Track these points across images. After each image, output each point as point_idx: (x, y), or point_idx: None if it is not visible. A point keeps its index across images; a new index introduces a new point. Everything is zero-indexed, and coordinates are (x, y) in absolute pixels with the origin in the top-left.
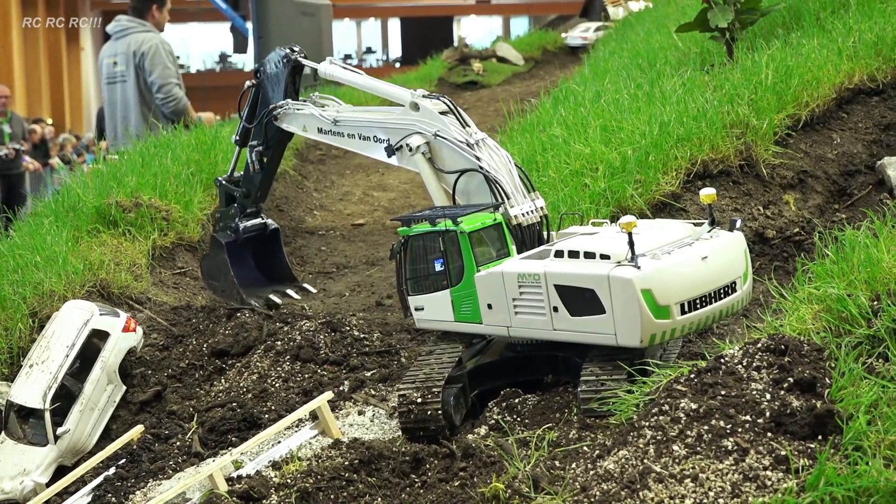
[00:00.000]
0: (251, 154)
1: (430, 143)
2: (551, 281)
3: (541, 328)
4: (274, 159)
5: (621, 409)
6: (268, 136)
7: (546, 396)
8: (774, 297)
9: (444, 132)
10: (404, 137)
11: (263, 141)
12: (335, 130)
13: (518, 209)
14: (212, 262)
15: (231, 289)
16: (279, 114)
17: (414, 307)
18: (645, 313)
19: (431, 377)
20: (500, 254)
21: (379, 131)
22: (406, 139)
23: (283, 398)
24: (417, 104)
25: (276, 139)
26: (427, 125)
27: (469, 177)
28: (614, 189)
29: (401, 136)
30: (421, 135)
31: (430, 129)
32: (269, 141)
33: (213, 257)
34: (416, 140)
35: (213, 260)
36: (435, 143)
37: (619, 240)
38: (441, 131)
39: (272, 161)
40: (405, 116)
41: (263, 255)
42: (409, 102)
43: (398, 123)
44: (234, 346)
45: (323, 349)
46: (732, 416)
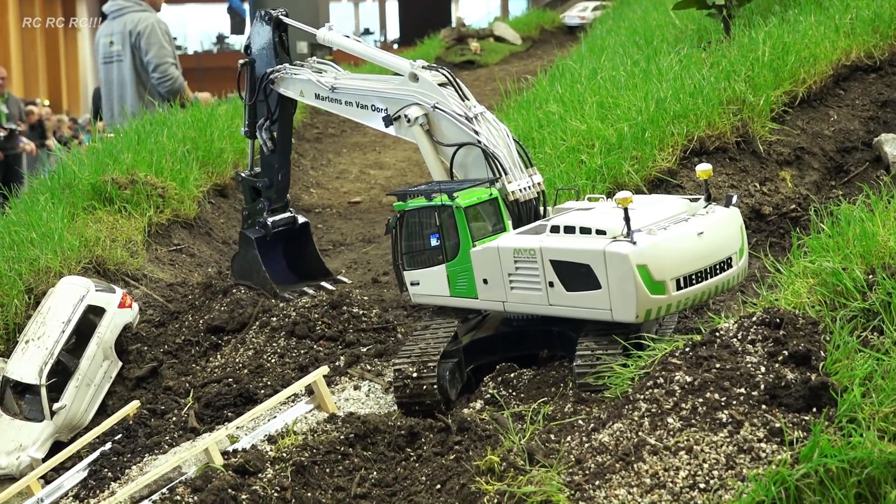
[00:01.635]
0: (261, 134)
1: (428, 114)
2: (547, 256)
3: (536, 303)
4: (284, 133)
5: (616, 383)
6: (271, 108)
7: (541, 371)
8: (770, 272)
9: (442, 104)
10: (402, 108)
11: (268, 115)
12: (332, 97)
13: (516, 184)
14: (243, 260)
15: (264, 285)
16: (276, 78)
17: (409, 282)
18: (640, 289)
19: (427, 352)
20: (495, 229)
21: (377, 100)
22: (404, 110)
23: (278, 374)
24: (417, 75)
25: (280, 110)
26: (426, 97)
27: (467, 150)
28: (610, 165)
29: (399, 107)
30: (419, 106)
31: (429, 100)
32: (274, 113)
33: (244, 255)
34: (415, 111)
35: (243, 258)
36: (433, 115)
37: (615, 215)
38: (440, 103)
39: (282, 135)
40: (404, 87)
41: (294, 251)
42: (409, 73)
43: (397, 93)
44: (230, 323)
45: (319, 325)
46: (727, 389)
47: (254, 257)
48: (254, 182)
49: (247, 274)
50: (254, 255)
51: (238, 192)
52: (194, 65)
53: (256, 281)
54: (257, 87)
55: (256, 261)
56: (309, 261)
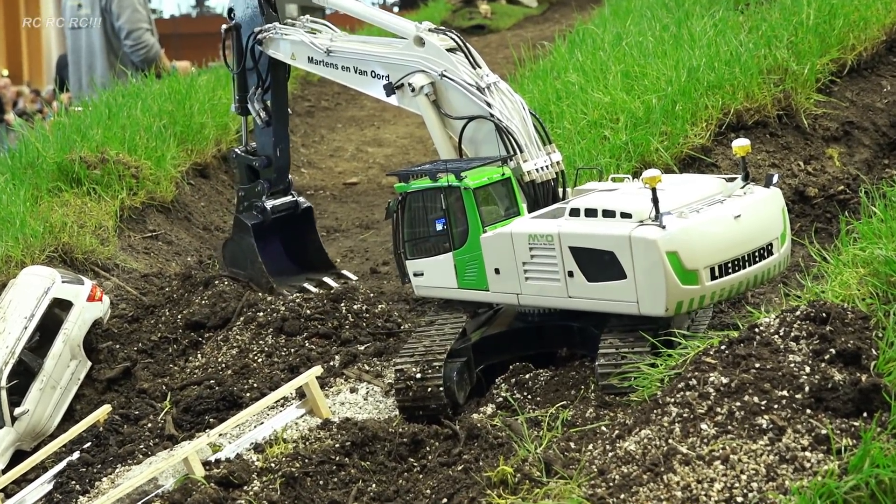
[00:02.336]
0: (253, 105)
1: (435, 83)
2: (566, 242)
3: (554, 295)
4: (278, 102)
5: (644, 385)
6: (261, 74)
7: (560, 371)
8: (815, 260)
9: (451, 72)
10: (407, 75)
11: (258, 83)
12: (328, 61)
13: (532, 163)
14: (236, 247)
15: (259, 277)
16: (264, 38)
17: (412, 273)
18: (670, 278)
19: (432, 350)
20: (508, 213)
21: (378, 66)
22: (408, 77)
23: (265, 375)
24: (423, 39)
25: (271, 76)
26: (433, 63)
27: (478, 124)
28: (637, 142)
29: (403, 74)
30: (425, 74)
31: (437, 67)
32: (265, 80)
33: (238, 242)
34: (420, 79)
35: (237, 245)
36: (441, 85)
37: (642, 196)
38: (448, 71)
39: (277, 105)
40: (409, 52)
41: (294, 239)
42: (414, 36)
43: (400, 59)
44: (212, 318)
45: (311, 320)
46: (767, 392)
47: (249, 246)
48: (250, 160)
49: (239, 263)
50: (249, 244)
51: (220, 173)
52: (171, 30)
53: (250, 272)
54: (244, 51)
55: (252, 250)
56: (311, 251)
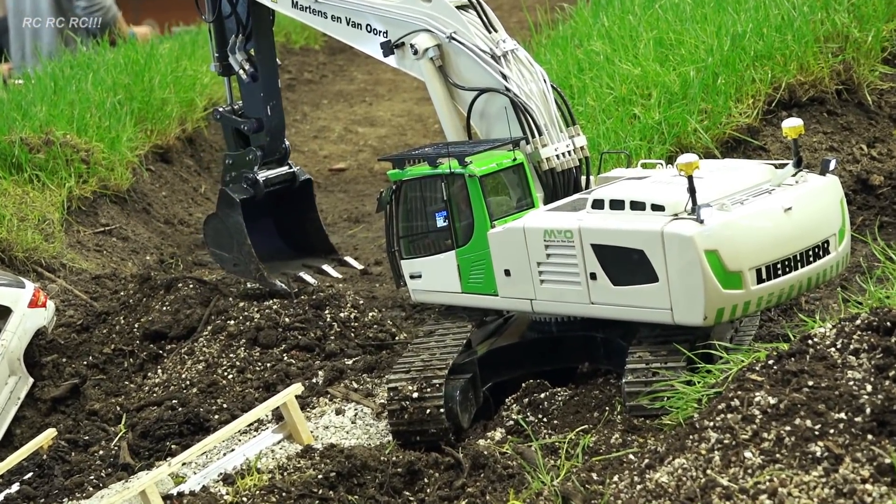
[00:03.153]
0: (235, 58)
1: (441, 46)
2: (588, 239)
3: (574, 301)
4: (264, 51)
5: (678, 407)
6: (241, 18)
7: (580, 390)
8: (879, 260)
9: (462, 35)
10: (409, 34)
11: (239, 29)
12: (315, 8)
13: (552, 148)
14: (220, 225)
15: (247, 262)
16: None
17: (409, 274)
18: (710, 282)
19: (432, 365)
20: (521, 204)
21: (375, 19)
22: (411, 37)
23: (237, 393)
24: None
25: (253, 19)
26: (440, 23)
27: (490, 98)
28: (672, 121)
29: (404, 32)
30: (431, 34)
31: (445, 28)
32: (247, 26)
33: (223, 219)
34: (425, 40)
35: (222, 223)
36: (449, 49)
37: (677, 186)
38: (458, 33)
39: (263, 54)
40: (412, 6)
41: (290, 217)
42: None
43: (402, 14)
44: (174, 327)
45: (290, 330)
46: (822, 414)
47: (236, 225)
48: (237, 123)
49: (224, 243)
50: (236, 223)
51: (185, 157)
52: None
53: (236, 256)
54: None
55: (239, 229)
56: (309, 232)
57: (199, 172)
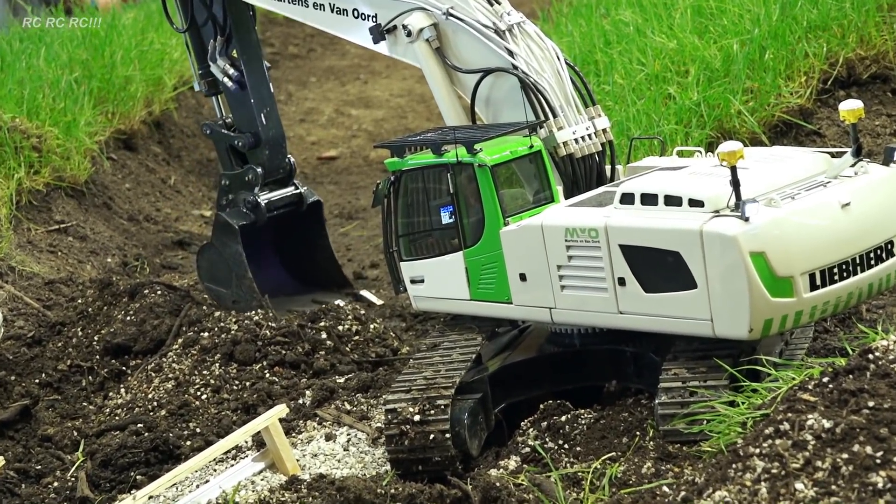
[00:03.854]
0: (217, 64)
1: (438, 25)
2: (616, 239)
3: (600, 310)
4: (248, 54)
5: (720, 431)
6: (217, 19)
7: (607, 412)
8: None
9: (460, 9)
10: (400, 15)
11: (216, 32)
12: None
13: (569, 132)
14: (216, 256)
15: (248, 297)
16: None
17: (409, 279)
18: (756, 288)
19: (436, 383)
20: (538, 198)
21: (362, 3)
22: (403, 17)
23: (211, 416)
24: None
25: (232, 18)
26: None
27: (496, 80)
28: (713, 101)
29: (395, 12)
30: (425, 12)
31: (441, 3)
32: (225, 27)
33: (220, 249)
34: (419, 20)
35: (218, 253)
36: (446, 27)
37: (718, 177)
38: (456, 8)
39: (248, 54)
40: None
41: (298, 245)
42: None
43: None
44: (140, 340)
45: (272, 344)
46: (884, 440)
47: (235, 255)
48: (230, 139)
49: (220, 278)
50: (235, 253)
51: (152, 144)
52: None
53: (235, 291)
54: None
55: (238, 261)
56: (319, 263)
57: (169, 161)
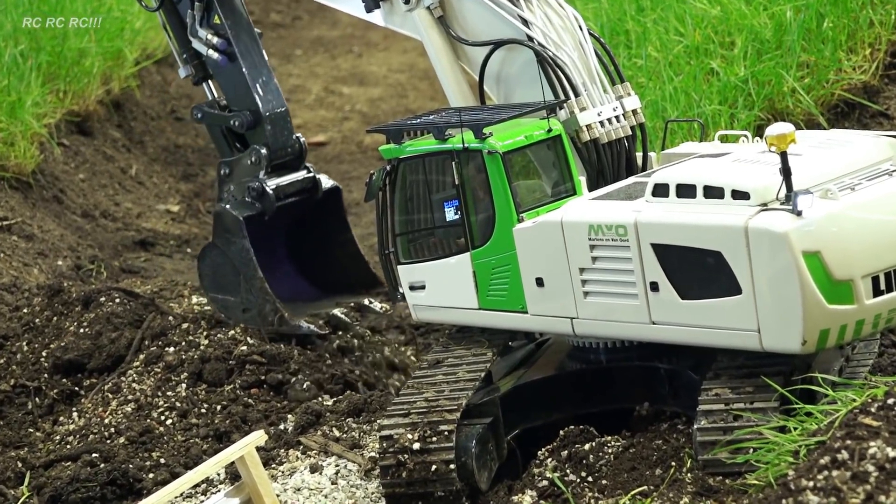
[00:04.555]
0: (199, 38)
1: None
2: (647, 237)
3: (629, 321)
4: (234, 18)
5: (769, 461)
6: None
7: (638, 439)
8: None
9: None
10: None
11: (192, 1)
12: None
13: (593, 113)
14: (220, 258)
15: (260, 302)
16: None
17: (408, 285)
18: (810, 294)
19: (439, 406)
20: (558, 190)
21: None
22: None
23: (178, 444)
24: None
25: None
26: None
27: (508, 54)
28: (762, 78)
29: None
30: None
31: None
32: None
33: (223, 249)
34: None
35: (221, 255)
36: None
37: (767, 166)
38: None
39: (234, 21)
40: None
41: (314, 238)
42: None
43: None
44: (95, 356)
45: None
46: None
47: (241, 253)
48: (225, 120)
49: (226, 284)
50: (241, 250)
51: (110, 127)
52: None
53: (245, 298)
54: None
55: (245, 258)
56: (342, 258)
57: (129, 148)
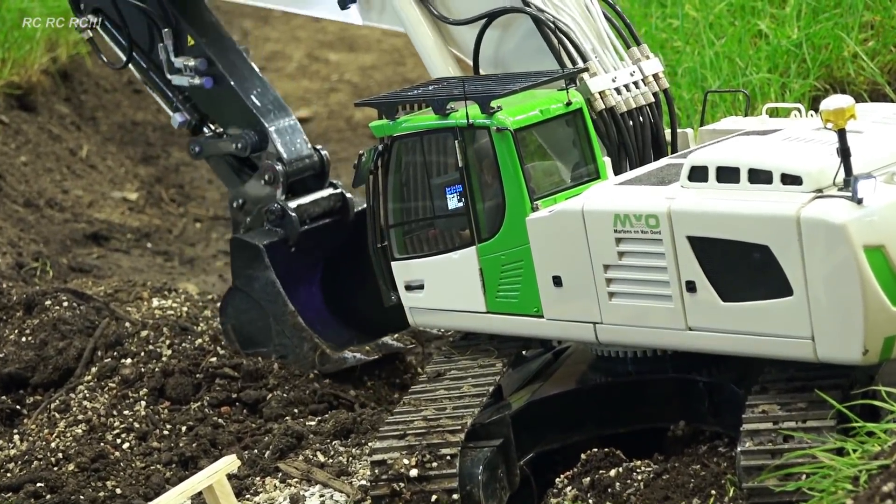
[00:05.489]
0: (177, 68)
1: None
2: (683, 229)
3: (661, 326)
4: (210, 36)
5: (823, 489)
6: (158, 13)
7: (672, 464)
8: None
9: None
10: None
11: (157, 32)
12: None
13: (606, 79)
14: (243, 301)
15: (297, 341)
16: None
17: (404, 284)
18: (872, 295)
19: (439, 426)
20: (578, 173)
21: None
22: None
23: (136, 472)
24: None
25: (178, 6)
26: None
27: (505, 31)
28: (818, 41)
29: None
30: None
31: None
32: (174, 20)
33: (244, 289)
34: None
35: (245, 296)
36: None
37: (822, 145)
38: None
39: (210, 39)
40: None
41: (345, 269)
42: None
43: None
44: (40, 369)
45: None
46: None
47: (266, 287)
48: (226, 146)
49: (257, 333)
50: (265, 284)
51: (57, 102)
52: None
53: (278, 342)
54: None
55: (272, 292)
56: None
57: (79, 125)
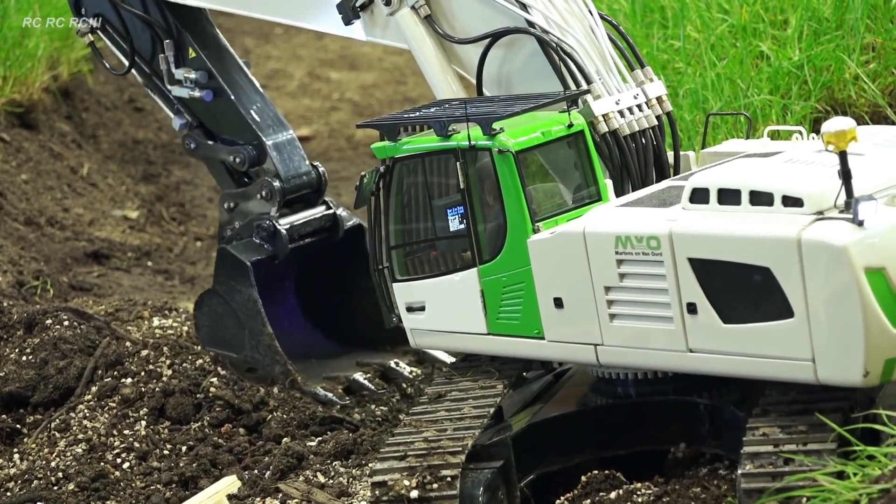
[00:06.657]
0: (178, 80)
1: None
2: (684, 251)
3: (663, 348)
4: (210, 49)
5: None
6: (161, 22)
7: (672, 486)
8: None
9: None
10: None
11: (157, 38)
12: None
13: (610, 101)
14: (221, 307)
15: (269, 362)
16: None
17: (405, 305)
18: (873, 317)
19: (440, 447)
20: (580, 195)
21: None
22: None
23: (137, 492)
24: None
25: (178, 18)
26: None
27: (509, 50)
28: (819, 64)
29: None
30: None
31: None
32: (176, 31)
33: (225, 297)
34: None
35: (223, 303)
36: None
37: (823, 167)
38: None
39: (209, 51)
40: None
41: (334, 287)
42: None
43: None
44: (40, 388)
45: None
46: None
47: (247, 304)
48: (224, 154)
49: (228, 338)
50: (247, 300)
51: (58, 120)
52: None
53: (250, 355)
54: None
55: (253, 310)
56: (363, 309)
57: (80, 144)
